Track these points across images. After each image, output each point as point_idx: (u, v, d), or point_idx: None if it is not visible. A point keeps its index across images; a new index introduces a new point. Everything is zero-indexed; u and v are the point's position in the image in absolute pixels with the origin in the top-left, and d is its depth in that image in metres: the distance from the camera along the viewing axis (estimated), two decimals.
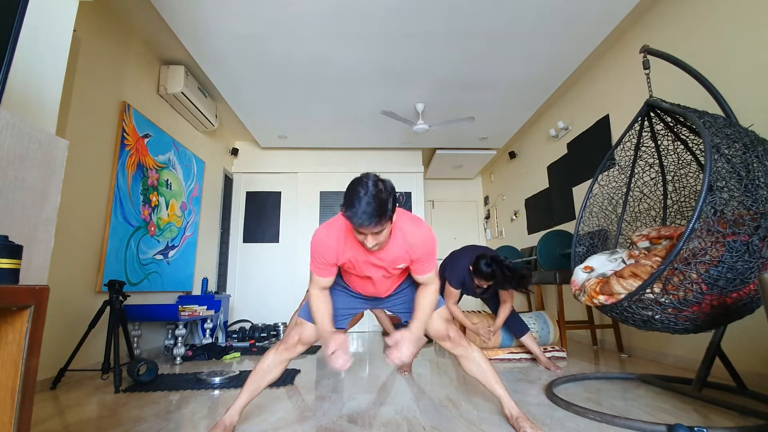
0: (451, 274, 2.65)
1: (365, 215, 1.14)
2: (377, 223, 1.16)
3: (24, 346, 0.77)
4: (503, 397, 1.51)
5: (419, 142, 5.25)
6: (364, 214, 1.14)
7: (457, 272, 2.61)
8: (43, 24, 1.37)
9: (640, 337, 2.97)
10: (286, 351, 1.50)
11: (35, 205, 1.08)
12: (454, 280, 2.63)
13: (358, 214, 1.14)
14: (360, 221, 1.15)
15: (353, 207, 1.15)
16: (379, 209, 1.15)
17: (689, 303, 1.54)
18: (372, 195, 1.14)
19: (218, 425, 1.40)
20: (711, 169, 1.44)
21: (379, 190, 1.16)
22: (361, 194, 1.14)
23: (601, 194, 2.48)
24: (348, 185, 1.22)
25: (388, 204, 1.17)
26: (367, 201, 1.14)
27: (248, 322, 4.84)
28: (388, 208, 1.17)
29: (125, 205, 3.03)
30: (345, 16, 2.76)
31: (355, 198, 1.15)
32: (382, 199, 1.15)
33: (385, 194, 1.16)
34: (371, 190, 1.15)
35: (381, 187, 1.17)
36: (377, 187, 1.16)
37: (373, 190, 1.15)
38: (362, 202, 1.14)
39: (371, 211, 1.14)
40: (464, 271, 2.57)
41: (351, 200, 1.16)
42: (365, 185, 1.16)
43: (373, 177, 1.20)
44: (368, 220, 1.15)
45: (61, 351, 2.33)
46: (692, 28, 2.52)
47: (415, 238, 1.36)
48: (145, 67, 3.36)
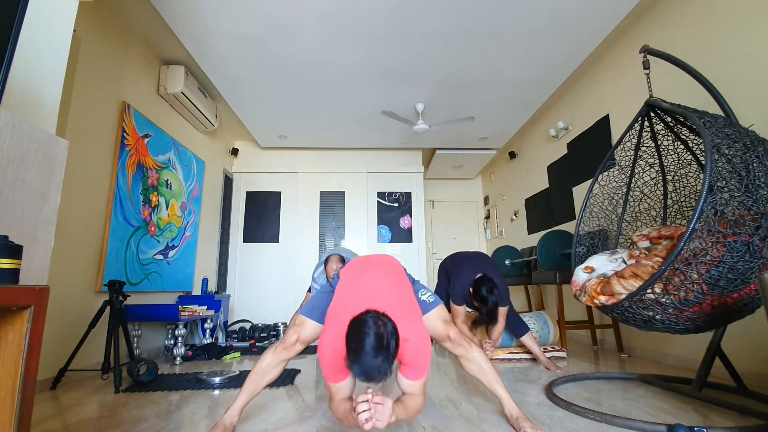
0: (453, 291, 2.70)
1: (373, 372, 1.13)
2: (385, 376, 1.15)
3: (24, 346, 0.77)
4: (503, 397, 1.51)
5: (419, 142, 5.25)
6: (372, 370, 1.12)
7: (459, 290, 2.66)
8: (43, 24, 1.37)
9: (640, 337, 2.97)
10: (284, 351, 1.50)
11: (35, 205, 1.08)
12: (457, 298, 2.67)
13: (367, 373, 1.13)
14: (369, 379, 1.14)
15: (360, 364, 1.13)
16: (386, 361, 1.13)
17: (690, 303, 1.54)
18: (376, 348, 1.11)
19: (218, 425, 1.40)
20: (711, 169, 1.44)
21: (381, 339, 1.13)
22: (366, 347, 1.12)
23: (602, 194, 2.48)
24: (348, 331, 1.18)
25: (392, 348, 1.15)
26: (372, 357, 1.11)
27: (248, 322, 4.84)
28: (392, 352, 1.15)
29: (125, 205, 3.03)
30: (345, 16, 2.76)
31: (361, 354, 1.12)
32: (388, 348, 1.14)
33: (387, 338, 1.14)
34: (374, 342, 1.12)
35: (383, 333, 1.14)
36: (379, 336, 1.13)
37: (375, 343, 1.12)
38: (368, 357, 1.11)
39: (378, 365, 1.12)
40: (465, 288, 2.62)
41: (357, 355, 1.13)
42: (367, 336, 1.13)
43: (373, 324, 1.15)
44: (377, 377, 1.14)
45: (61, 351, 2.33)
46: (692, 28, 2.52)
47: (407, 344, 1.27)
48: (145, 67, 3.36)
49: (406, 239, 5.55)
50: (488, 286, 2.43)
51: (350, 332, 1.17)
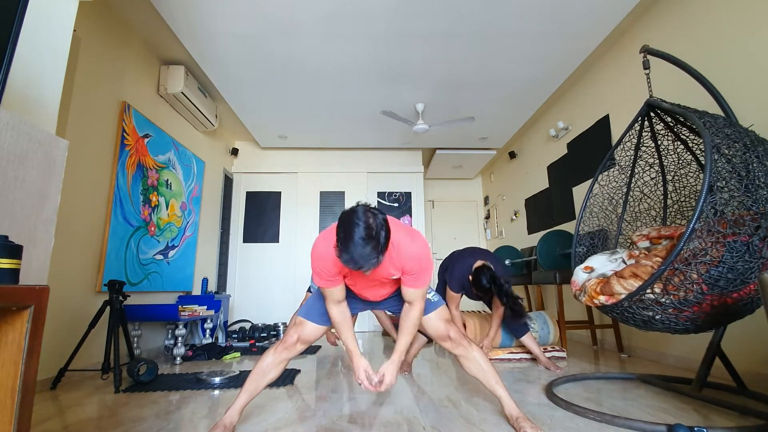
0: (451, 278, 2.66)
1: (361, 259, 1.13)
2: (372, 266, 1.16)
3: (24, 346, 0.77)
4: (503, 397, 1.51)
5: (419, 142, 5.25)
6: (361, 258, 1.13)
7: (458, 277, 2.62)
8: (43, 24, 1.37)
9: (640, 337, 2.97)
10: (285, 350, 1.50)
11: (35, 205, 1.08)
12: (454, 285, 2.64)
13: (356, 261, 1.13)
14: (358, 267, 1.15)
15: (349, 252, 1.13)
16: (375, 250, 1.13)
17: (690, 303, 1.54)
18: (365, 238, 1.12)
19: (218, 425, 1.40)
20: (711, 169, 1.44)
21: (370, 229, 1.13)
22: (356, 237, 1.12)
23: (601, 194, 2.48)
24: (339, 223, 1.18)
25: (381, 239, 1.15)
26: (362, 246, 1.12)
27: (248, 322, 4.84)
28: (382, 243, 1.15)
29: (125, 205, 3.03)
30: (345, 16, 2.76)
31: (350, 243, 1.12)
32: (377, 239, 1.13)
33: (377, 230, 1.14)
34: (363, 233, 1.12)
35: (373, 224, 1.14)
36: (369, 227, 1.13)
37: (364, 233, 1.12)
38: (357, 247, 1.12)
39: (367, 254, 1.12)
40: (464, 277, 2.58)
41: (346, 244, 1.13)
42: (357, 226, 1.13)
43: (362, 215, 1.15)
44: (366, 265, 1.15)
45: (61, 351, 2.33)
46: (692, 28, 2.52)
47: (408, 252, 1.34)
48: (145, 67, 3.36)
49: None
50: (488, 275, 2.40)
51: (341, 222, 1.18)
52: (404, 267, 1.36)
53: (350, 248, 1.12)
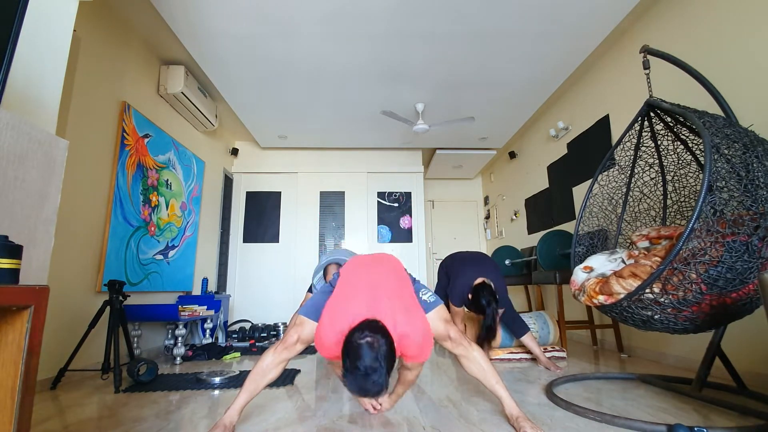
0: (452, 291, 2.69)
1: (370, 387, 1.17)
2: (382, 391, 1.19)
3: (24, 346, 0.77)
4: (504, 397, 1.51)
5: (419, 142, 5.25)
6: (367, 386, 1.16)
7: (458, 292, 2.65)
8: (43, 24, 1.37)
9: (640, 337, 2.97)
10: (285, 350, 1.50)
11: (35, 205, 1.08)
12: (456, 299, 2.67)
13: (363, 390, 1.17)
14: (365, 395, 1.19)
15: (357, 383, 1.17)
16: (381, 377, 1.17)
17: (689, 303, 1.54)
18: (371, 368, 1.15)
19: (218, 425, 1.40)
20: (711, 169, 1.44)
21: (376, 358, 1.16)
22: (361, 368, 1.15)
23: (601, 194, 2.48)
24: (344, 348, 1.21)
25: (387, 365, 1.19)
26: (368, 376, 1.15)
27: (248, 322, 4.84)
28: (386, 370, 1.19)
29: (125, 205, 3.03)
30: (345, 16, 2.76)
31: (357, 374, 1.16)
32: (383, 367, 1.17)
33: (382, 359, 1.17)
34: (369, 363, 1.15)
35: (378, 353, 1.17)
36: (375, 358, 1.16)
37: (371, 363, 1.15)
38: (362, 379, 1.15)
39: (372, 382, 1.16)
40: (465, 293, 2.61)
41: (353, 374, 1.17)
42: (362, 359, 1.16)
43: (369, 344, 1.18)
44: (373, 391, 1.18)
45: (61, 351, 2.33)
46: (692, 28, 2.52)
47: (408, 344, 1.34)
48: (145, 67, 3.36)
49: (406, 239, 5.55)
50: (487, 297, 2.42)
51: (346, 349, 1.21)
52: (404, 351, 1.38)
53: (358, 379, 1.16)
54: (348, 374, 1.18)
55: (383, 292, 1.40)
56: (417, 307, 1.43)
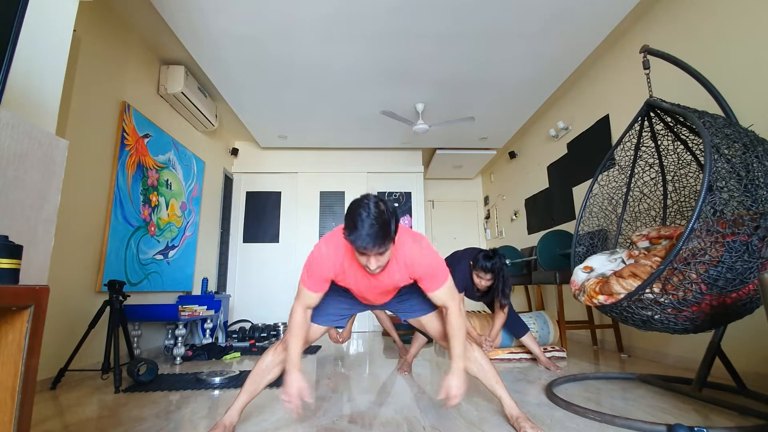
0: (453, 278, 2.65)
1: (369, 237, 1.13)
2: (381, 244, 1.15)
3: (24, 346, 0.77)
4: (504, 397, 1.51)
5: (419, 142, 5.25)
6: (368, 236, 1.12)
7: (459, 276, 2.61)
8: (43, 24, 1.37)
9: (640, 337, 2.97)
10: (285, 351, 1.50)
11: (35, 205, 1.08)
12: (457, 284, 2.62)
13: (361, 236, 1.13)
14: (364, 243, 1.14)
15: (356, 229, 1.13)
16: (382, 231, 1.14)
17: (689, 303, 1.54)
18: (374, 217, 1.13)
19: (218, 425, 1.40)
20: (711, 169, 1.44)
21: (381, 212, 1.14)
22: (363, 216, 1.13)
23: (601, 194, 2.49)
24: (348, 207, 1.20)
25: (391, 225, 1.16)
26: (369, 223, 1.12)
27: (248, 322, 4.84)
28: (391, 229, 1.16)
29: (125, 205, 3.03)
30: (345, 17, 2.76)
31: (357, 220, 1.13)
32: (385, 221, 1.14)
33: (387, 215, 1.15)
34: (373, 212, 1.13)
35: (383, 209, 1.15)
36: (379, 208, 1.15)
37: (375, 212, 1.13)
38: (365, 224, 1.12)
39: (374, 233, 1.12)
40: (465, 274, 2.58)
41: (353, 222, 1.14)
42: (367, 207, 1.14)
43: (374, 198, 1.18)
44: (372, 242, 1.13)
45: (61, 351, 2.33)
46: (692, 27, 2.52)
47: (414, 255, 1.34)
48: (145, 67, 3.36)
49: None
50: (486, 252, 2.40)
51: (350, 207, 1.18)
52: (414, 274, 1.36)
53: (359, 227, 1.13)
54: (350, 226, 1.14)
55: None
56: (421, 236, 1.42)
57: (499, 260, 2.39)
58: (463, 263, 2.61)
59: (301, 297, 1.42)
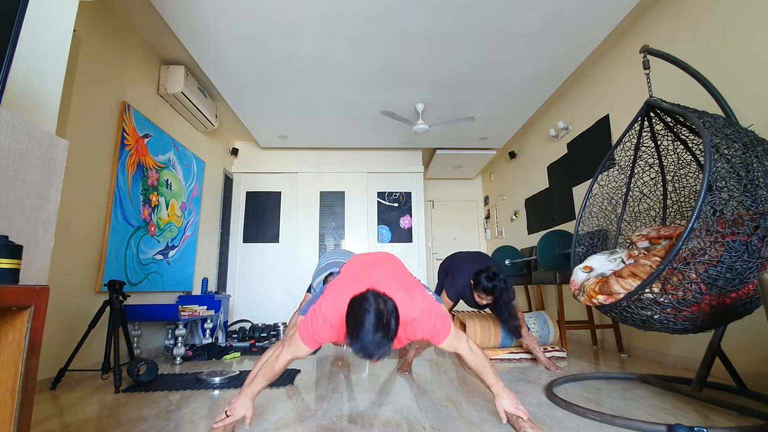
0: (450, 286, 2.65)
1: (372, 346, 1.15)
2: (383, 353, 1.17)
3: (24, 346, 0.77)
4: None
5: (419, 142, 5.25)
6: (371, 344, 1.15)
7: (456, 287, 2.61)
8: (43, 24, 1.37)
9: (640, 337, 2.97)
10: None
11: (35, 205, 1.08)
12: (452, 293, 2.62)
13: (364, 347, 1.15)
14: (367, 354, 1.16)
15: (358, 340, 1.15)
16: (384, 338, 1.16)
17: (688, 303, 1.54)
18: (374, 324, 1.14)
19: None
20: (710, 169, 1.44)
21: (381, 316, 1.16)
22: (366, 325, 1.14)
23: (601, 194, 2.48)
24: (348, 310, 1.21)
25: (391, 327, 1.17)
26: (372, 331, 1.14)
27: (248, 322, 4.84)
28: (391, 330, 1.18)
29: (125, 205, 3.03)
30: (345, 16, 2.76)
31: (360, 331, 1.15)
32: (388, 326, 1.16)
33: (387, 316, 1.17)
34: (374, 320, 1.15)
35: (383, 311, 1.17)
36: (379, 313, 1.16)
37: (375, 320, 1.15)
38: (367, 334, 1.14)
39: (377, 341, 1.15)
40: (465, 286, 2.55)
41: (355, 332, 1.16)
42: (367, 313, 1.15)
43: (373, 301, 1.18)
44: (376, 352, 1.16)
45: (61, 351, 2.33)
46: (692, 27, 2.52)
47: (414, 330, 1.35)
48: (145, 67, 3.36)
49: (406, 239, 5.55)
50: (488, 274, 2.36)
51: (350, 310, 1.19)
52: (416, 337, 1.37)
53: (361, 337, 1.15)
54: (352, 332, 1.16)
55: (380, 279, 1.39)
56: (420, 289, 1.43)
57: (499, 283, 2.34)
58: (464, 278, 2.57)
59: (294, 346, 1.37)
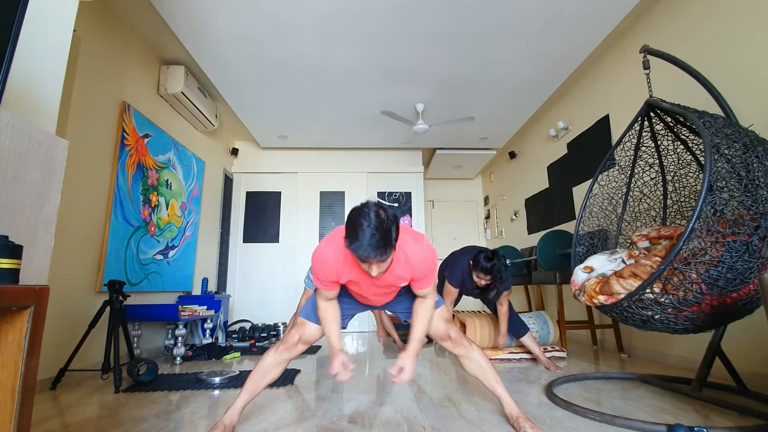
0: (451, 273, 2.68)
1: (370, 247, 1.12)
2: (382, 253, 1.14)
3: (24, 346, 0.77)
4: (504, 397, 1.51)
5: (419, 142, 5.25)
6: (369, 246, 1.12)
7: (457, 271, 2.63)
8: (43, 24, 1.37)
9: (640, 337, 2.97)
10: (286, 351, 1.50)
11: (35, 205, 1.08)
12: (453, 280, 2.65)
13: (362, 247, 1.12)
14: (365, 254, 1.13)
15: (357, 240, 1.12)
16: (384, 240, 1.13)
17: (689, 303, 1.54)
18: (375, 226, 1.12)
19: (218, 425, 1.40)
20: (711, 169, 1.44)
21: (381, 220, 1.13)
22: (364, 226, 1.12)
23: (601, 194, 2.48)
24: (349, 215, 1.19)
25: (392, 233, 1.15)
26: (371, 233, 1.11)
27: (248, 322, 4.84)
28: (392, 237, 1.15)
29: (125, 205, 3.03)
30: (345, 16, 2.76)
31: (358, 230, 1.12)
32: (386, 229, 1.13)
33: (388, 223, 1.14)
34: (374, 221, 1.12)
35: (383, 217, 1.14)
36: (380, 217, 1.13)
37: (375, 221, 1.12)
38: (366, 234, 1.11)
39: (375, 242, 1.12)
40: (464, 270, 2.59)
41: (354, 232, 1.13)
42: (367, 216, 1.13)
43: (374, 206, 1.16)
44: (373, 252, 1.13)
45: (61, 351, 2.33)
46: (692, 27, 2.52)
47: (417, 258, 1.34)
48: (145, 67, 3.36)
49: None
50: (487, 253, 2.42)
51: (350, 217, 1.18)
52: (414, 273, 1.37)
53: (360, 237, 1.12)
54: (351, 236, 1.14)
55: None
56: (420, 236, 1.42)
57: (498, 262, 2.40)
58: (463, 260, 2.63)
59: (321, 293, 1.44)
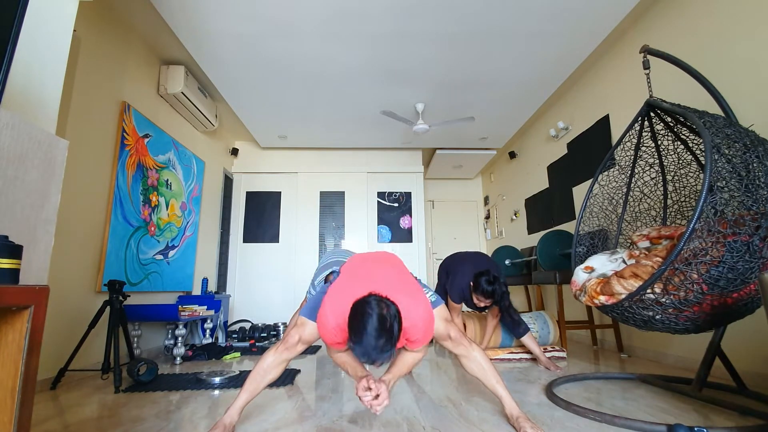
0: (451, 288, 2.70)
1: (375, 351, 1.15)
2: (388, 357, 1.17)
3: (24, 346, 0.77)
4: (504, 397, 1.51)
5: (419, 142, 5.25)
6: (374, 350, 1.14)
7: (458, 288, 2.66)
8: (43, 24, 1.37)
9: (640, 337, 2.97)
10: (286, 351, 1.50)
11: (35, 205, 1.08)
12: (455, 296, 2.68)
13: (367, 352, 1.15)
14: (370, 358, 1.16)
15: (360, 343, 1.15)
16: (388, 342, 1.15)
17: (690, 303, 1.54)
18: (378, 328, 1.14)
19: (218, 425, 1.40)
20: (711, 169, 1.44)
21: (384, 319, 1.15)
22: (369, 328, 1.14)
23: (601, 194, 2.48)
24: (351, 312, 1.21)
25: (394, 331, 1.17)
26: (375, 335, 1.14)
27: (248, 322, 4.84)
28: (395, 335, 1.17)
29: (125, 205, 3.03)
30: (345, 16, 2.76)
31: (362, 333, 1.15)
32: (389, 329, 1.16)
33: (390, 321, 1.16)
34: (377, 322, 1.14)
35: (386, 316, 1.16)
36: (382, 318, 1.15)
37: (378, 323, 1.14)
38: (370, 337, 1.14)
39: (381, 346, 1.14)
40: (464, 290, 2.62)
41: (358, 333, 1.15)
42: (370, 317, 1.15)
43: (376, 305, 1.18)
44: (379, 356, 1.16)
45: (61, 351, 2.33)
46: (692, 28, 2.51)
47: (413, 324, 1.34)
48: (145, 67, 3.36)
49: (406, 239, 5.55)
50: (488, 277, 2.45)
51: (353, 314, 1.19)
52: (410, 337, 1.37)
53: (364, 341, 1.14)
54: (355, 337, 1.16)
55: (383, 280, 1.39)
56: (419, 293, 1.42)
57: (499, 287, 2.43)
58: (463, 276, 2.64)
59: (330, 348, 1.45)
